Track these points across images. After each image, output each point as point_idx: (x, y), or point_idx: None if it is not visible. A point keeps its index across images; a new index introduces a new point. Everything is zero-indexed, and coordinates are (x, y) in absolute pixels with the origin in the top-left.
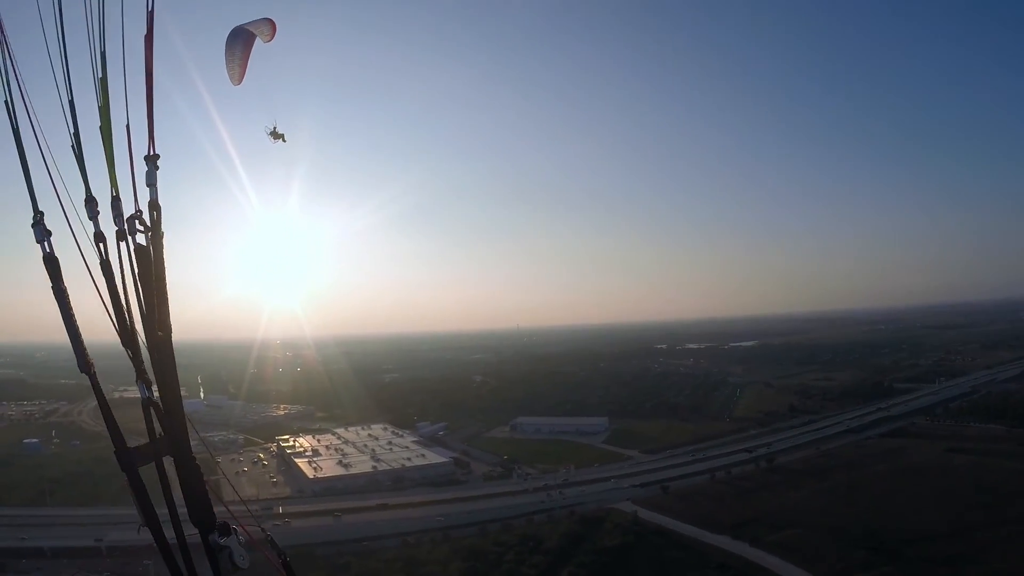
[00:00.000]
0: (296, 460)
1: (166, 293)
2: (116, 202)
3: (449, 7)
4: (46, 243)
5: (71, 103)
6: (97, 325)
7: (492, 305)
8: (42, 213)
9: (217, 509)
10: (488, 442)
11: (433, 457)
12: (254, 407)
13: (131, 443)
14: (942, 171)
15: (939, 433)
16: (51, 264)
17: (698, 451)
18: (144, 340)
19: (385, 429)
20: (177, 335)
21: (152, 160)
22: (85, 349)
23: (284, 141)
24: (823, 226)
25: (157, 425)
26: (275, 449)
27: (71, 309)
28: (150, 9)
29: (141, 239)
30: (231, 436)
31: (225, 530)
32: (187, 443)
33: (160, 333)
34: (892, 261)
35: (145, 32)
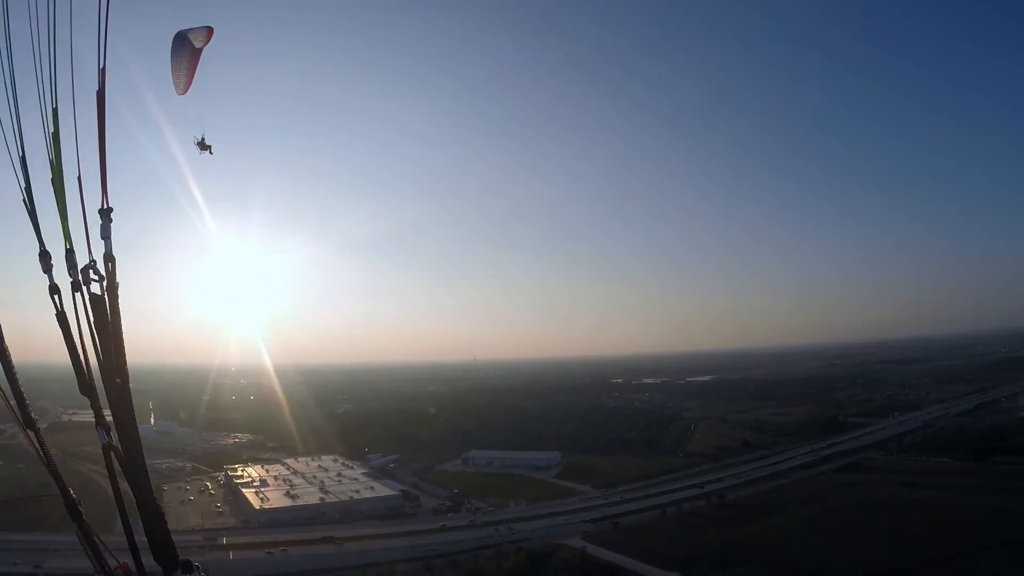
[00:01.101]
0: (243, 490)
1: (122, 341)
2: (70, 254)
3: (414, 44)
4: None
5: (22, 158)
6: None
7: (449, 337)
8: None
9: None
10: (439, 475)
11: (382, 490)
12: (204, 435)
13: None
14: (897, 205)
15: (892, 467)
16: None
17: (650, 486)
18: (102, 386)
19: (335, 460)
20: (130, 358)
21: (106, 213)
22: (28, 406)
23: (211, 153)
24: (779, 261)
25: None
26: (223, 478)
27: (14, 369)
28: (102, 67)
29: (96, 288)
30: (179, 464)
31: (188, 567)
32: (148, 485)
33: (118, 380)
34: (849, 296)
35: (97, 88)
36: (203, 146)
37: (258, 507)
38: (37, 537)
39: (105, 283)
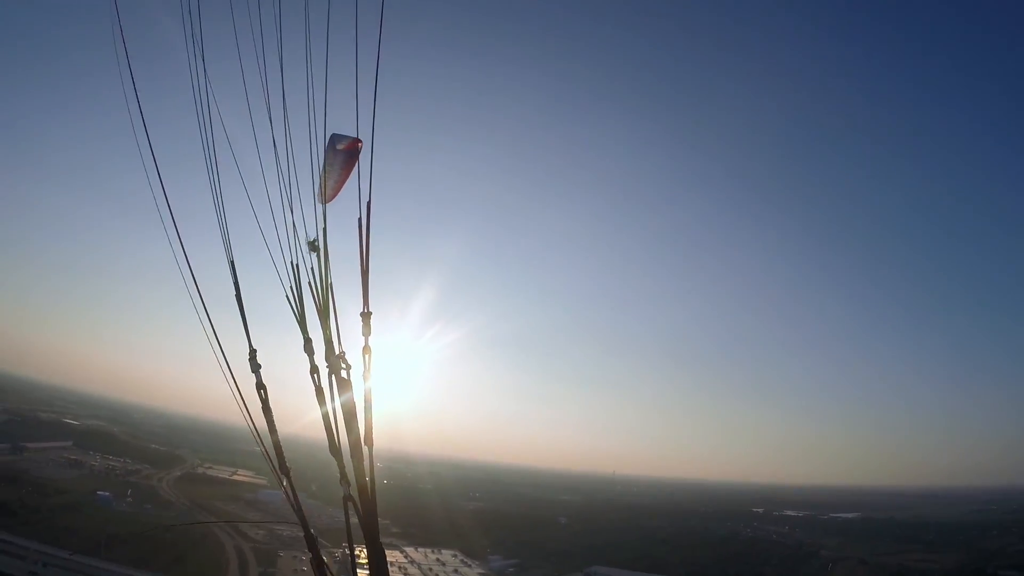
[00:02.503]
0: (358, 572)
1: (371, 416)
2: (329, 343)
3: (570, 155)
4: (258, 374)
5: (295, 265)
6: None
7: (591, 448)
8: (255, 350)
9: None
10: None
11: None
12: (330, 510)
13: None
14: None
15: None
16: (261, 390)
17: None
18: (348, 450)
19: (455, 556)
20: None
21: (366, 316)
22: (284, 456)
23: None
24: (938, 397)
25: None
26: (340, 555)
27: (275, 426)
28: (368, 200)
29: (344, 374)
30: (301, 534)
31: None
32: (377, 536)
33: (366, 447)
34: (1012, 436)
35: (359, 216)
36: (313, 247)
37: None
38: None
39: (363, 371)
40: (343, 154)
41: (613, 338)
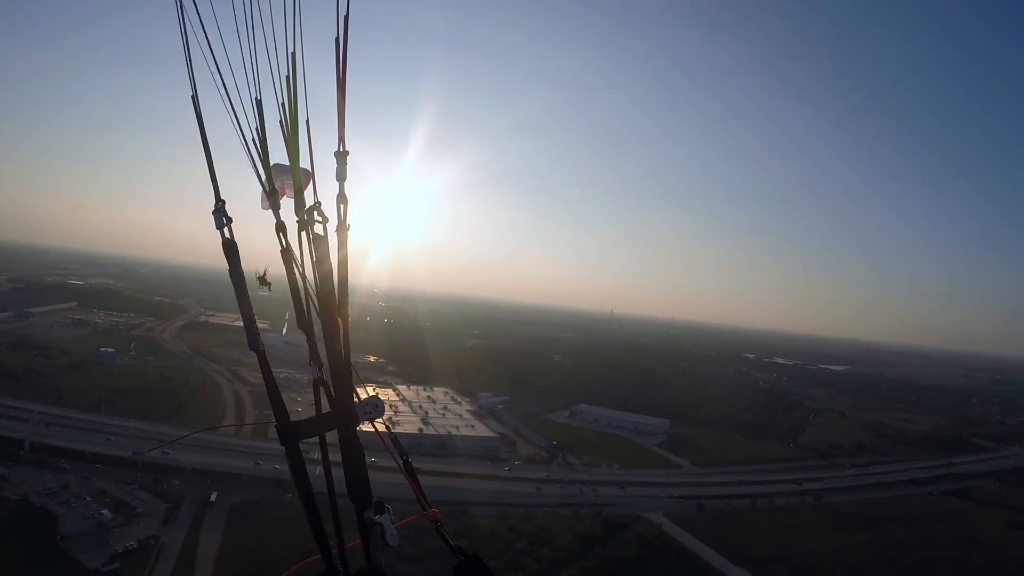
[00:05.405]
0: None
1: (347, 281)
2: (298, 194)
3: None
4: (226, 230)
5: (258, 101)
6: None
7: (592, 286)
8: (223, 201)
9: None
10: (544, 424)
11: (482, 430)
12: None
13: None
14: None
15: (1006, 503)
16: (230, 249)
17: (749, 473)
18: (319, 323)
19: (446, 394)
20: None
21: (342, 156)
22: (257, 329)
23: (269, 290)
24: (941, 260)
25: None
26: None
27: (246, 291)
28: (345, 15)
29: (319, 229)
30: (296, 376)
31: (380, 508)
32: (354, 423)
33: (339, 319)
34: (1007, 307)
35: (336, 35)
36: (263, 281)
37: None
38: (146, 427)
39: (335, 224)
40: (273, 189)
41: (614, 177)
